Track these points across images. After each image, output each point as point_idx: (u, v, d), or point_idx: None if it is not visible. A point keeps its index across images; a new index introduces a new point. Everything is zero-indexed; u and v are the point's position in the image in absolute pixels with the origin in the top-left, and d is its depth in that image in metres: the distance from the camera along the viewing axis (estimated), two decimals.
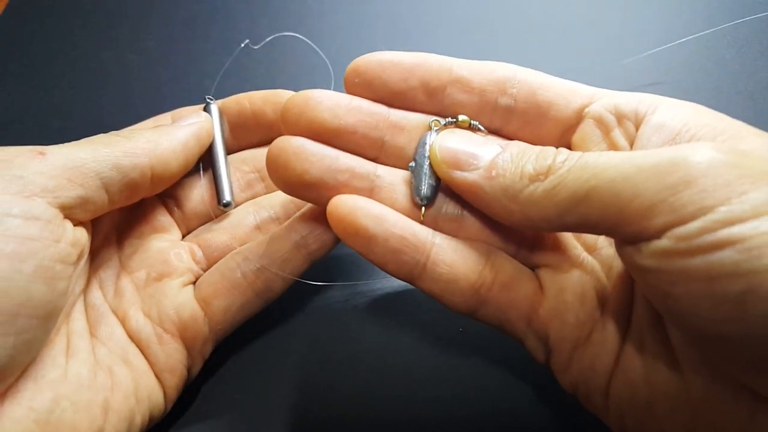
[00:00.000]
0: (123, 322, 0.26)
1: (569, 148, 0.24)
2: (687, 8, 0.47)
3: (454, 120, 0.25)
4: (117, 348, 0.25)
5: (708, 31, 0.43)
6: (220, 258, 0.29)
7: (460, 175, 0.23)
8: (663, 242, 0.17)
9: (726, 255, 0.16)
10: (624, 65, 0.42)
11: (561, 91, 0.25)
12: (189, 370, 0.27)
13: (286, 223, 0.28)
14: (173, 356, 0.26)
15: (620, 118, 0.23)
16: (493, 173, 0.22)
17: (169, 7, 0.50)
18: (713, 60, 0.43)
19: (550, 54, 0.44)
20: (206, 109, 0.31)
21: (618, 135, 0.23)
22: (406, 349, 0.31)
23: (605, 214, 0.18)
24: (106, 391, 0.24)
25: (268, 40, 0.32)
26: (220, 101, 0.32)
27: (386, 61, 0.25)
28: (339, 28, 0.48)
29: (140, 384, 0.25)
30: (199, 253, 0.29)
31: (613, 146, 0.23)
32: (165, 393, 0.26)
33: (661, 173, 0.17)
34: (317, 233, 0.27)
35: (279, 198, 0.31)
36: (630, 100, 0.23)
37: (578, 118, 0.24)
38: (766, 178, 0.16)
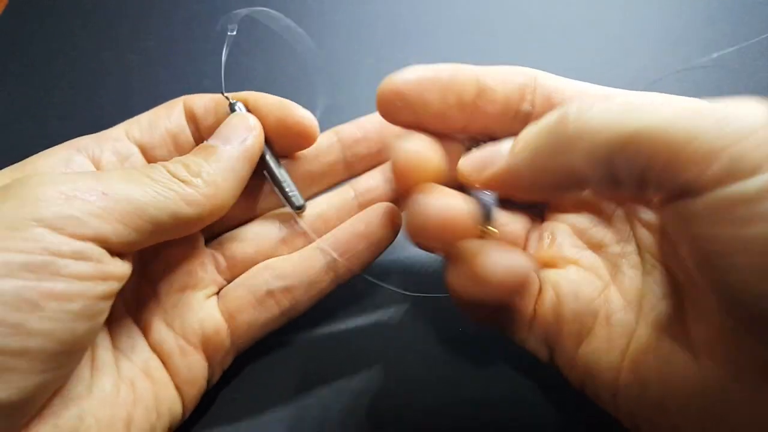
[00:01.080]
0: (145, 333, 0.26)
1: None
2: (687, 8, 0.47)
3: None
4: (139, 360, 0.25)
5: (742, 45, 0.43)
6: (244, 269, 0.28)
7: (490, 170, 0.22)
8: (717, 194, 0.16)
9: None
10: (656, 81, 0.42)
11: (574, 94, 0.24)
12: (208, 381, 0.27)
13: (317, 243, 0.28)
14: (194, 368, 0.26)
15: None
16: (519, 145, 0.21)
17: (169, 7, 0.50)
18: (713, 60, 0.43)
19: (550, 54, 0.44)
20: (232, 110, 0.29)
21: None
22: (406, 349, 0.31)
23: (655, 156, 0.17)
24: (129, 405, 0.23)
25: (242, 14, 0.30)
26: (239, 96, 0.30)
27: (425, 79, 0.24)
28: (339, 28, 0.48)
29: (161, 397, 0.25)
30: (222, 264, 0.28)
31: None
32: (184, 404, 0.26)
33: (720, 120, 0.16)
34: (348, 257, 0.27)
35: (305, 211, 0.29)
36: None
37: None
38: None
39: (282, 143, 0.29)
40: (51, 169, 0.24)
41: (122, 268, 0.22)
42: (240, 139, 0.26)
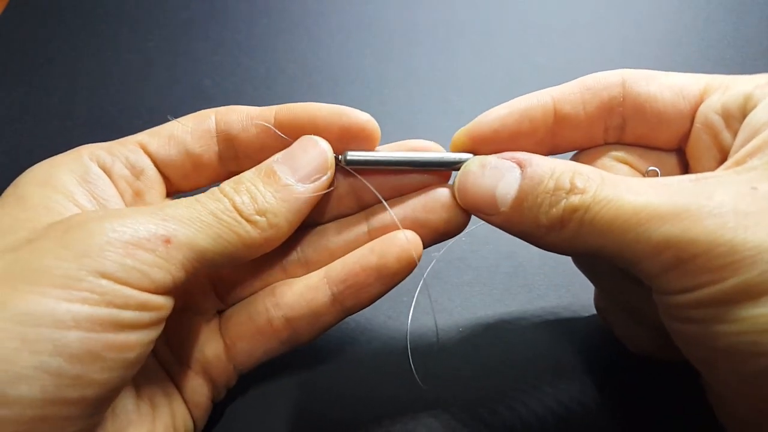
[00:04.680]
0: (153, 351, 0.25)
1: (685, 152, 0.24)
2: (687, 8, 0.47)
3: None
4: (152, 376, 0.25)
5: None
6: (242, 293, 0.27)
7: (483, 216, 0.23)
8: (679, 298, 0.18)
9: None
10: None
11: (668, 98, 0.23)
12: (213, 401, 0.27)
13: (322, 272, 0.26)
14: (197, 392, 0.26)
15: (728, 118, 0.22)
16: (512, 219, 0.22)
17: (168, 8, 0.50)
18: (713, 60, 0.43)
19: (549, 54, 0.44)
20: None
21: (726, 137, 0.22)
22: (405, 349, 0.31)
23: (622, 264, 0.20)
24: (149, 423, 0.23)
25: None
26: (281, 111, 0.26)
27: (497, 121, 0.24)
28: (339, 28, 0.48)
29: (176, 413, 0.25)
30: (220, 286, 0.27)
31: (722, 150, 0.22)
32: (195, 423, 0.26)
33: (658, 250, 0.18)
34: (356, 288, 0.25)
35: (308, 237, 0.27)
36: (737, 97, 0.21)
37: (690, 123, 0.23)
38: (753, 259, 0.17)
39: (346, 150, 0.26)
40: (69, 182, 0.23)
41: (170, 303, 0.21)
42: (314, 176, 0.24)
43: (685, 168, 0.24)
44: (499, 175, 0.22)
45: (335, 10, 0.49)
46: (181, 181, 0.26)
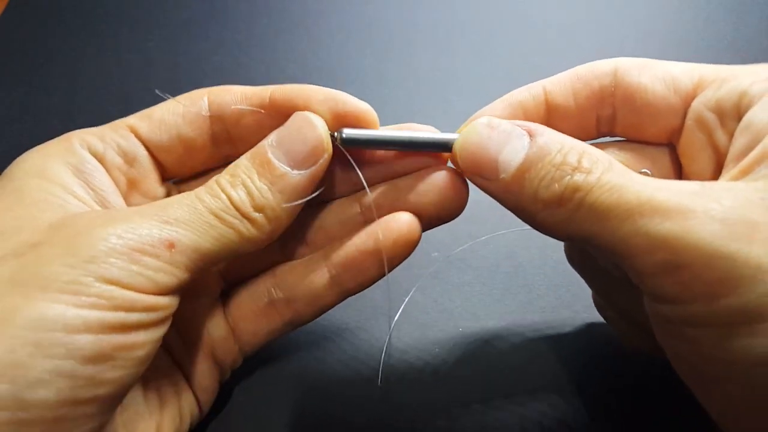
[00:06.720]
0: None
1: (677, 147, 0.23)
2: (687, 8, 0.47)
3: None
4: (160, 366, 0.25)
5: None
6: (245, 274, 0.27)
7: (480, 181, 0.22)
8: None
9: None
10: None
11: (659, 91, 0.22)
12: (219, 382, 0.27)
13: (322, 255, 0.26)
14: (206, 374, 0.26)
15: (722, 117, 0.21)
16: (511, 189, 0.21)
17: (168, 8, 0.50)
18: (713, 60, 0.43)
19: (549, 54, 0.44)
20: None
21: (721, 136, 0.21)
22: (405, 349, 0.31)
23: (614, 258, 0.19)
24: (156, 414, 0.24)
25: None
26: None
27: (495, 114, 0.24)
28: (339, 28, 0.48)
29: (183, 401, 0.25)
30: (223, 269, 0.27)
31: (717, 150, 0.21)
32: (200, 408, 0.26)
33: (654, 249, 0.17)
34: (355, 271, 0.25)
35: (307, 217, 0.27)
36: (732, 93, 0.21)
37: (682, 118, 0.22)
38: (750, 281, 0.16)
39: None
40: (64, 174, 0.22)
41: (176, 302, 0.21)
42: (310, 161, 0.23)
43: (679, 168, 0.23)
44: (506, 140, 0.21)
45: (335, 10, 0.49)
46: (175, 166, 0.26)
